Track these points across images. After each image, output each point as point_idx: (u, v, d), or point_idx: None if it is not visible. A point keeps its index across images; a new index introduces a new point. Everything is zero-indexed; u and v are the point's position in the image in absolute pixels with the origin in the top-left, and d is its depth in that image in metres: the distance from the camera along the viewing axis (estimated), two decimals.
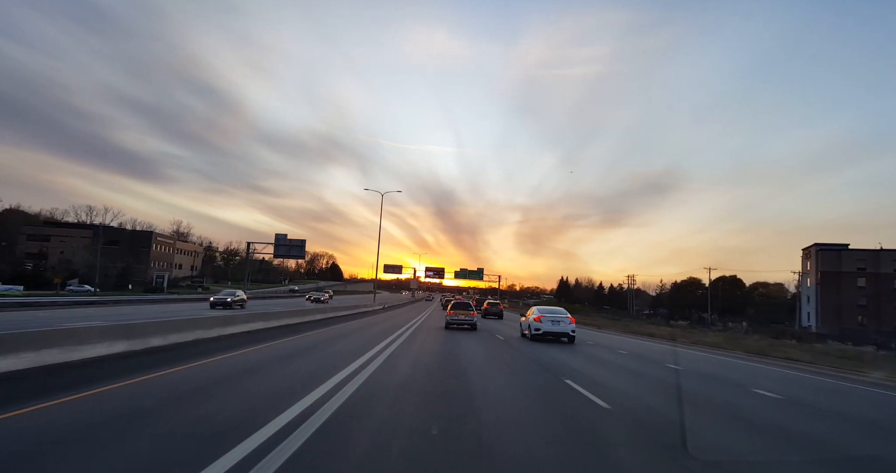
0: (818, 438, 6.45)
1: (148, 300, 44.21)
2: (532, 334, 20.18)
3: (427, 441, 5.13)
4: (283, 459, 4.13)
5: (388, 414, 6.17)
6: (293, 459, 4.17)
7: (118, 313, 25.86)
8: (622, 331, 36.04)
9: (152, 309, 30.93)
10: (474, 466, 4.41)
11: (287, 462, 4.06)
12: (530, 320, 20.80)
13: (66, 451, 4.26)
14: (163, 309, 30.12)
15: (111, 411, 5.73)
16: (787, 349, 23.57)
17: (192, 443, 4.60)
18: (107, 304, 34.96)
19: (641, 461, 4.93)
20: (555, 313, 20.93)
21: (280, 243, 58.01)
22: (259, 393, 7.11)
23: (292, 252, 60.40)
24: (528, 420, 6.38)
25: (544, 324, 20.00)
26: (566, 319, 20.33)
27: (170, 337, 11.85)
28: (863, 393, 11.77)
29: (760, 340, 31.09)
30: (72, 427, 5.02)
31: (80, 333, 9.25)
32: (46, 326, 13.58)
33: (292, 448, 4.45)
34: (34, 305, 30.76)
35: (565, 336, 20.04)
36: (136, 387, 7.12)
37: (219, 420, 5.43)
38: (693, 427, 6.11)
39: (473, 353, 14.61)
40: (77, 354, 8.72)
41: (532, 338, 20.09)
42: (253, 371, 9.19)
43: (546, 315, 20.52)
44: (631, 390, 9.54)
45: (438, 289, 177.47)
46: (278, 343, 14.54)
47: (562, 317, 20.36)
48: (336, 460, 4.30)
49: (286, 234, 58.64)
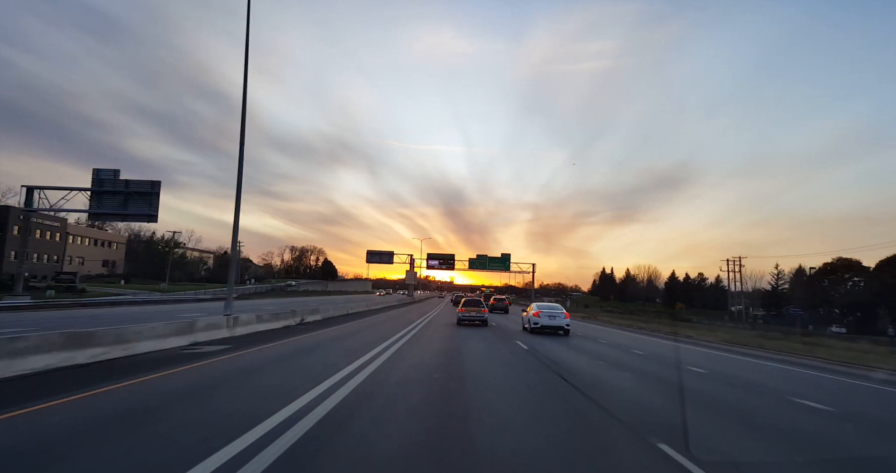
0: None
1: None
2: (531, 327, 23.27)
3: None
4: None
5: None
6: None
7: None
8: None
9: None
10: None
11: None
12: (530, 315, 23.87)
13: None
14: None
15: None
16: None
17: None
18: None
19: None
20: (552, 309, 24.36)
21: (106, 190, 29.61)
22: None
23: (130, 206, 31.91)
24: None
25: (542, 319, 23.14)
26: (561, 315, 23.57)
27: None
28: None
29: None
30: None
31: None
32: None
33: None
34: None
35: (561, 329, 23.12)
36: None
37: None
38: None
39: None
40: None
41: (531, 331, 23.10)
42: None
43: (544, 311, 23.77)
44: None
45: (448, 288, 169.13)
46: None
47: (558, 313, 23.67)
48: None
49: (118, 170, 30.55)
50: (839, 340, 32.21)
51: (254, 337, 15.70)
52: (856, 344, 27.74)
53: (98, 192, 31.97)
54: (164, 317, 20.70)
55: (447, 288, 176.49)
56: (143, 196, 31.60)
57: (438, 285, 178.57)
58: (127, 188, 32.05)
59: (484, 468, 4.64)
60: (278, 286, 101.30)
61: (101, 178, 31.40)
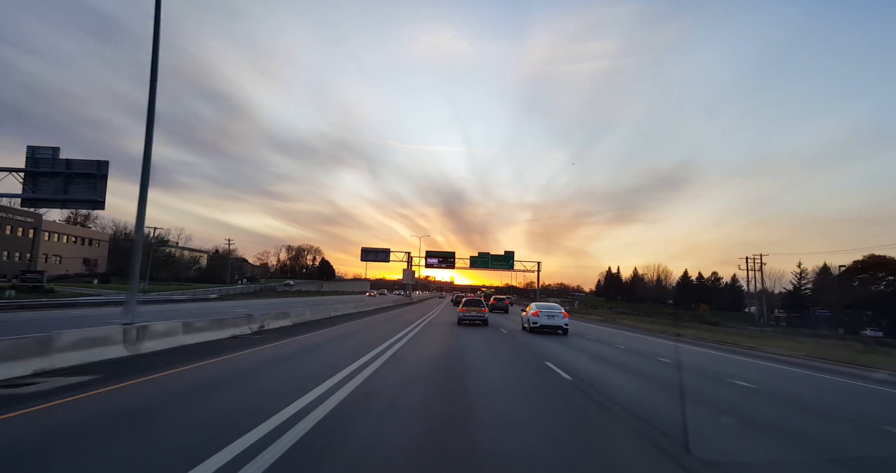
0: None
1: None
2: (531, 327, 23.40)
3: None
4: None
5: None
6: None
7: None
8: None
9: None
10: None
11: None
12: (529, 315, 23.97)
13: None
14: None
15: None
16: None
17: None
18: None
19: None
20: (551, 309, 24.42)
21: (43, 171, 23.75)
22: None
23: (73, 190, 26.83)
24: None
25: (541, 319, 23.32)
26: (560, 315, 23.60)
27: None
28: None
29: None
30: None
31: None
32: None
33: None
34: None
35: (560, 329, 23.26)
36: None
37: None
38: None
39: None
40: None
41: (530, 331, 23.21)
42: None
43: (543, 310, 23.91)
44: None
45: (448, 289, 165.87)
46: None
47: (557, 313, 23.75)
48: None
49: (57, 148, 25.33)
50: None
51: (162, 358, 10.68)
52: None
53: (33, 174, 26.83)
54: (76, 324, 15.61)
55: (447, 288, 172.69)
56: (88, 178, 26.40)
57: (438, 285, 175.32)
58: (68, 169, 26.84)
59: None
60: (269, 286, 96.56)
61: (37, 158, 26.30)
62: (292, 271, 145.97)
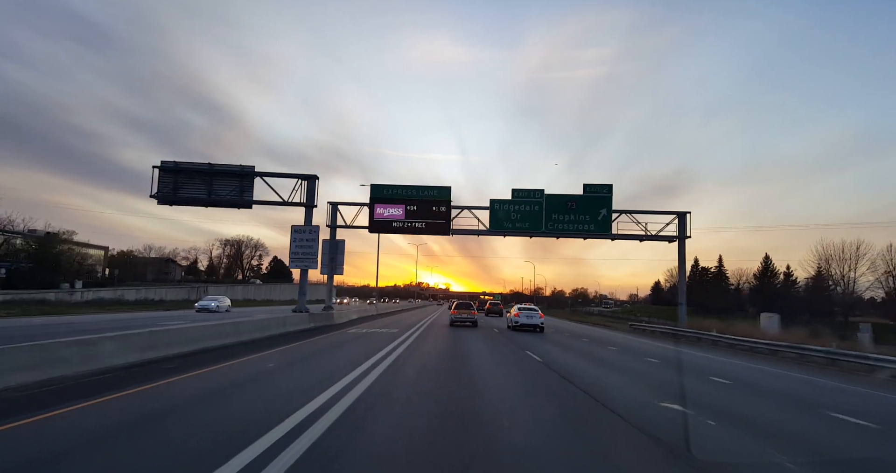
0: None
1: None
2: (513, 325, 28.44)
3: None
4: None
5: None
6: None
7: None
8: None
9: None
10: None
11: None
12: (512, 315, 29.33)
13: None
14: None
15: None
16: None
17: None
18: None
19: None
20: (530, 311, 29.10)
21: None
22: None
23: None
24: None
25: (521, 318, 28.03)
26: (537, 315, 28.31)
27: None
28: None
29: None
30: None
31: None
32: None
33: None
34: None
35: (537, 327, 27.86)
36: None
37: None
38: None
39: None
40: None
41: (513, 329, 28.13)
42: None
43: (523, 312, 28.67)
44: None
45: (444, 296, 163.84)
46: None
47: (534, 314, 28.40)
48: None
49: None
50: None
51: None
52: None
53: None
54: None
55: (443, 295, 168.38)
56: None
57: (434, 292, 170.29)
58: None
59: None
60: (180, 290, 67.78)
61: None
62: (228, 272, 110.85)
